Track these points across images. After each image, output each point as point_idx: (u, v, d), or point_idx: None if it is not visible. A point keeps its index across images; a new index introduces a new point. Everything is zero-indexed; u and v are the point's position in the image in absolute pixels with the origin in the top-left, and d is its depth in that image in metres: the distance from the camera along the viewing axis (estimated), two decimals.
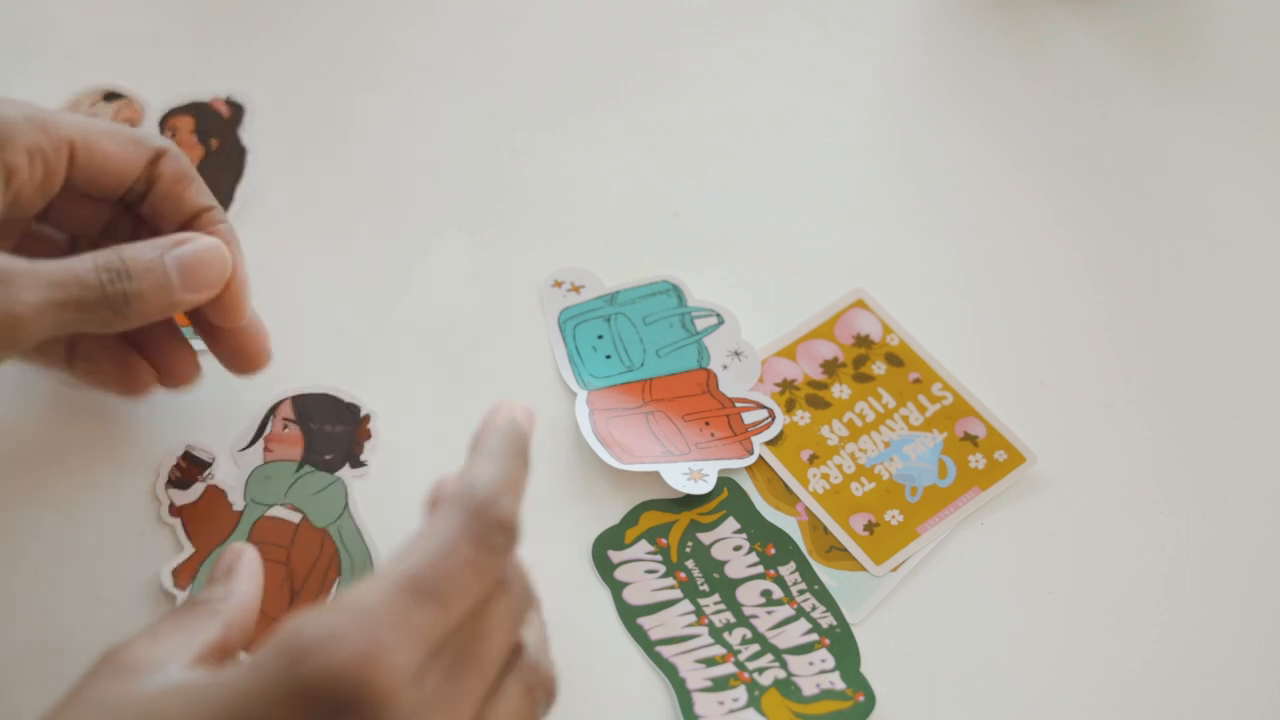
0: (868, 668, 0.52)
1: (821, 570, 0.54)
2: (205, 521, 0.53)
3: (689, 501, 0.54)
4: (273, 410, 0.56)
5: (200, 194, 0.51)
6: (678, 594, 0.52)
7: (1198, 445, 0.57)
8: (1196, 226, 0.63)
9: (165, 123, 0.64)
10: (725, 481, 0.55)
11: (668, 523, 0.54)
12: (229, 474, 0.54)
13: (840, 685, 0.50)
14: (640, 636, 0.51)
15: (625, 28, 0.68)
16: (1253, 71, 0.68)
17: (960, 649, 0.53)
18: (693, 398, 0.57)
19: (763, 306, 0.60)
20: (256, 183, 0.62)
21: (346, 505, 0.53)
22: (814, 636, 0.52)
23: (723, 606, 0.52)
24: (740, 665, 0.51)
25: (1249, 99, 0.67)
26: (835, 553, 0.54)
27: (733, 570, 0.53)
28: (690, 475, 0.55)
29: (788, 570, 0.53)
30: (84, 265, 0.46)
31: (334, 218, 0.62)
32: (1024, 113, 0.66)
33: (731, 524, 0.54)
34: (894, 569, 0.54)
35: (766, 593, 0.52)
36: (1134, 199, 0.64)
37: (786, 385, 0.58)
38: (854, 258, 0.61)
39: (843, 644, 0.51)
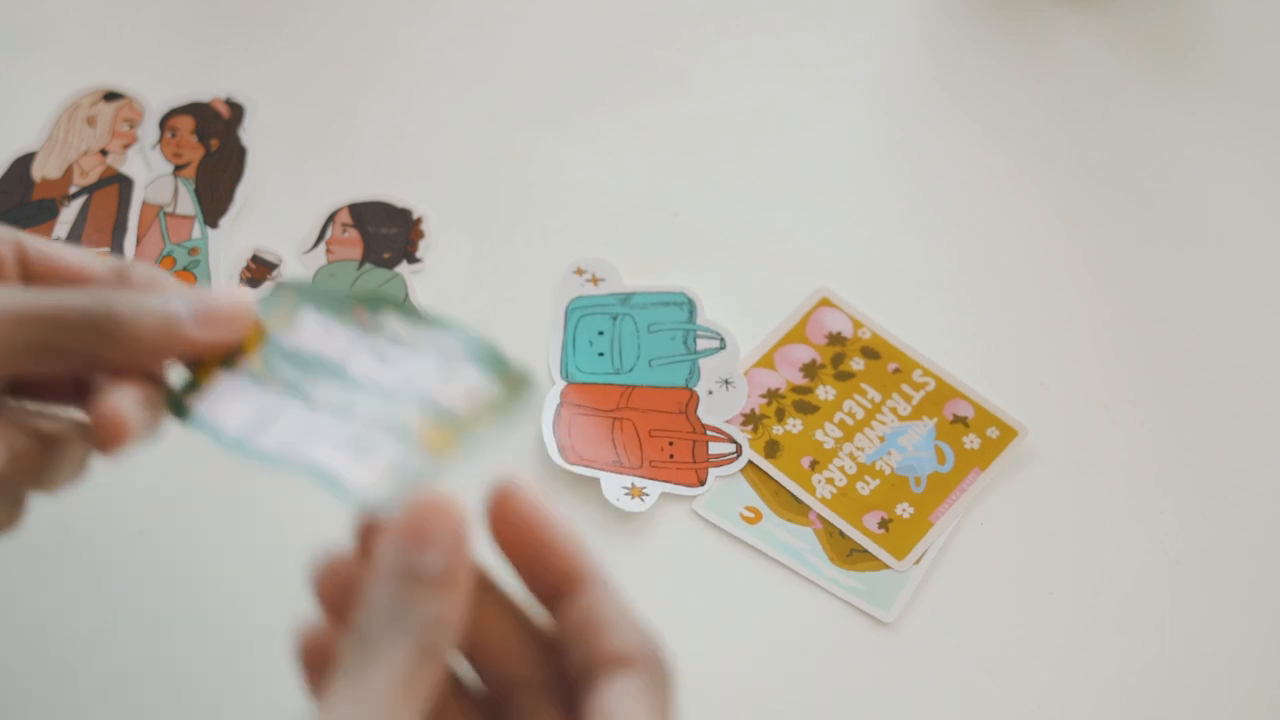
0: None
1: (846, 575, 0.54)
2: None
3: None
4: (331, 217, 0.61)
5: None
6: (282, 399, 0.43)
7: (1198, 445, 0.57)
8: (1196, 226, 0.63)
9: (165, 123, 0.64)
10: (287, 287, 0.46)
11: (238, 345, 0.44)
12: (296, 274, 0.59)
13: (493, 386, 0.42)
14: (261, 456, 0.41)
15: (626, 28, 0.68)
16: (1252, 72, 0.68)
17: (961, 649, 0.53)
18: (667, 414, 0.57)
19: (747, 311, 0.60)
20: (256, 183, 0.62)
21: (407, 296, 0.59)
22: (447, 362, 0.43)
23: (338, 386, 0.43)
24: (379, 423, 0.42)
25: (1249, 99, 0.67)
26: (856, 555, 0.54)
27: (331, 351, 0.44)
28: (629, 491, 0.54)
29: (390, 320, 0.44)
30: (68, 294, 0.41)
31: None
32: (1024, 113, 0.66)
33: (310, 313, 0.45)
34: (915, 562, 0.54)
35: (377, 352, 0.44)
36: (1134, 199, 0.64)
37: (772, 395, 0.58)
38: (856, 258, 0.61)
39: (477, 350, 0.43)
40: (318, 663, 0.38)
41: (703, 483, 0.55)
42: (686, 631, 0.53)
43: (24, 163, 0.62)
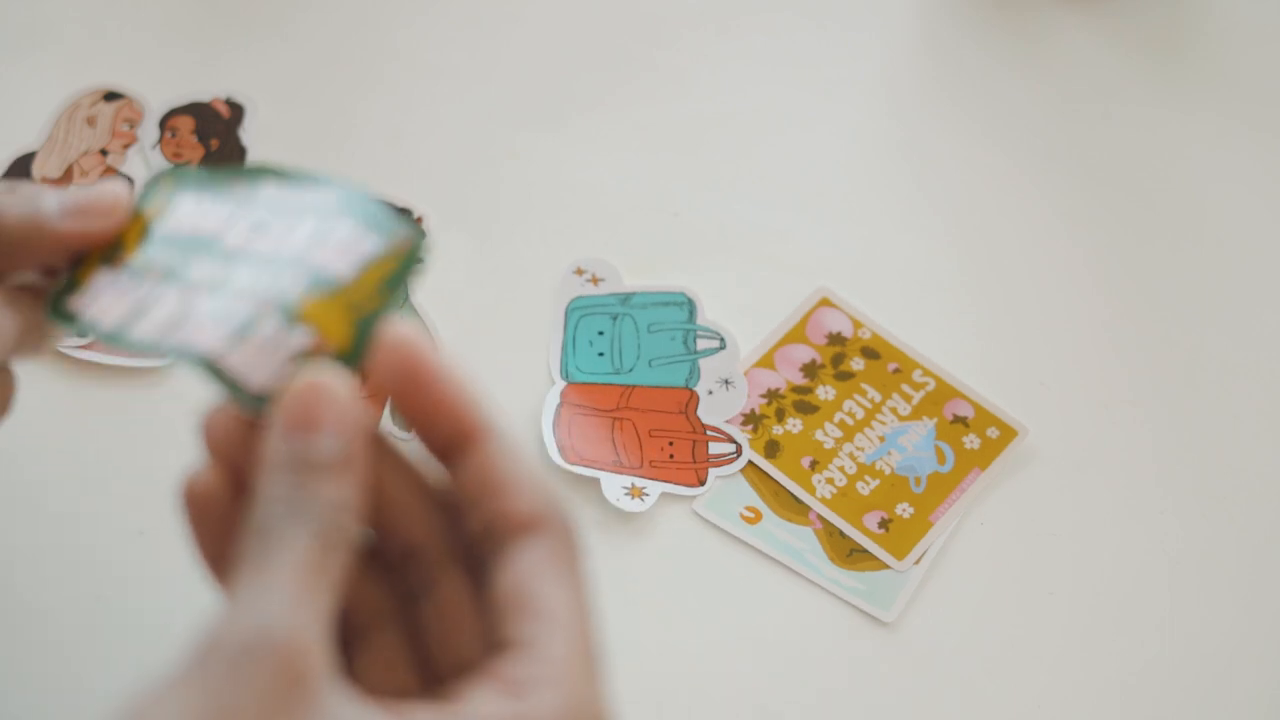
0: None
1: (846, 575, 0.54)
2: None
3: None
4: None
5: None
6: (160, 287, 0.40)
7: (1198, 445, 0.57)
8: (1196, 226, 0.63)
9: (165, 123, 0.64)
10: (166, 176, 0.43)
11: (117, 240, 0.41)
12: None
13: (381, 245, 0.39)
14: (138, 345, 0.39)
15: (626, 28, 0.68)
16: (1253, 72, 0.68)
17: (961, 649, 0.53)
18: (667, 414, 0.57)
19: (747, 311, 0.60)
20: None
21: (407, 297, 0.58)
22: (325, 220, 0.40)
23: (217, 264, 0.40)
24: (258, 296, 0.39)
25: (1249, 99, 0.67)
26: (856, 555, 0.54)
27: (206, 228, 0.41)
28: (629, 491, 0.54)
29: (268, 189, 0.42)
30: None
31: None
32: (1024, 113, 0.66)
33: (188, 197, 0.42)
34: (915, 562, 0.54)
35: (255, 224, 0.41)
36: (1134, 199, 0.64)
37: (772, 395, 0.58)
38: (856, 258, 0.62)
39: (357, 206, 0.40)
40: (203, 516, 0.36)
41: (703, 483, 0.55)
42: (686, 631, 0.53)
43: (24, 163, 0.62)
